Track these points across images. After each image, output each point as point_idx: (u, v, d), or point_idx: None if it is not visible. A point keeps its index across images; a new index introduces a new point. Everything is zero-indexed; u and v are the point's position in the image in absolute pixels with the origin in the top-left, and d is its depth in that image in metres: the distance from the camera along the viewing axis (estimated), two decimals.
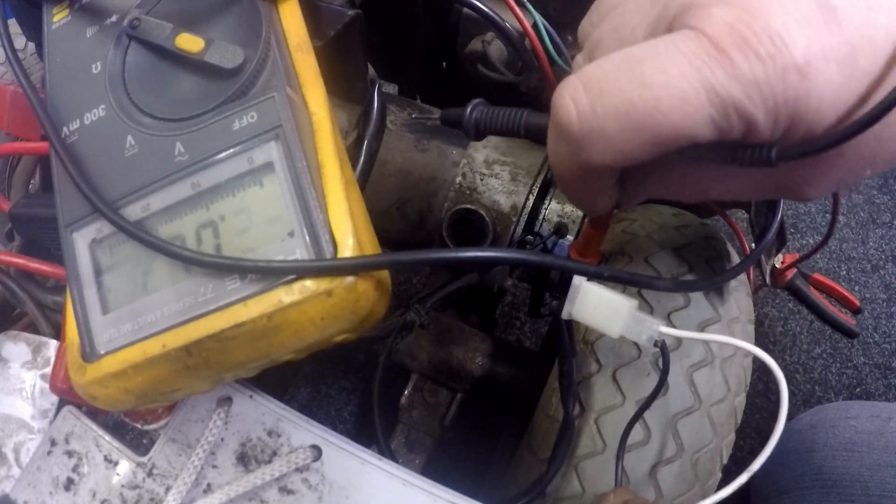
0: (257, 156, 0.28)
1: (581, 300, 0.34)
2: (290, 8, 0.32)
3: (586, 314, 0.34)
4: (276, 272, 0.26)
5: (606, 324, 0.34)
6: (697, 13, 0.23)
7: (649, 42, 0.25)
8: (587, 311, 0.34)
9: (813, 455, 0.64)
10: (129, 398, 0.29)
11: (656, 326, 0.33)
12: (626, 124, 0.24)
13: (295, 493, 0.33)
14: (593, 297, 0.34)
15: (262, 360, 0.28)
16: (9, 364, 0.41)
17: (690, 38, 0.23)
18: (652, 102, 0.23)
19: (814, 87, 0.22)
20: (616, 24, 0.28)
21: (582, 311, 0.34)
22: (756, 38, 0.22)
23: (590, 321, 0.34)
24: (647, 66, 0.24)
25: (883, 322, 1.28)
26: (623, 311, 0.34)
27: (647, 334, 0.34)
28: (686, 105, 0.23)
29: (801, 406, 1.13)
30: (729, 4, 0.23)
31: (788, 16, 0.22)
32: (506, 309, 1.16)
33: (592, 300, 0.34)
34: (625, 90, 0.24)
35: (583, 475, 0.42)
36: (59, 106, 0.32)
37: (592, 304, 0.34)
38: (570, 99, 0.26)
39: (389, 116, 0.57)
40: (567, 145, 0.27)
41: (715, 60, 0.22)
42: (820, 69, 0.22)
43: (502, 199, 0.55)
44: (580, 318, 0.34)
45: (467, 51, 0.58)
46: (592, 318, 0.34)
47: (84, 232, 0.30)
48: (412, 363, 0.63)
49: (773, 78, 0.22)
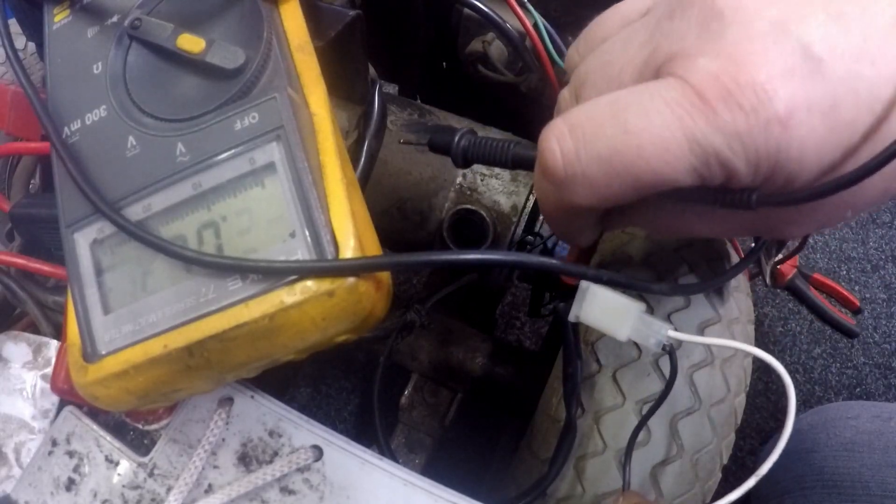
0: (259, 156, 0.28)
1: (589, 302, 0.34)
2: (291, 9, 0.32)
3: (594, 317, 0.34)
4: (278, 272, 0.26)
5: (614, 327, 0.34)
6: (683, 63, 0.24)
7: (635, 88, 0.25)
8: (594, 313, 0.34)
9: (814, 455, 0.64)
10: (130, 398, 0.29)
11: (664, 330, 0.33)
12: (609, 170, 0.25)
13: (296, 493, 0.33)
14: (600, 299, 0.34)
15: (263, 361, 0.29)
16: (9, 364, 0.41)
17: (675, 88, 0.24)
18: (634, 150, 0.24)
19: (795, 138, 0.23)
20: (604, 62, 0.29)
21: (589, 314, 0.34)
22: (740, 90, 0.22)
23: (597, 324, 0.34)
24: (632, 113, 0.24)
25: (883, 322, 1.28)
26: (631, 313, 0.34)
27: (656, 338, 0.34)
28: (668, 153, 0.23)
29: (802, 406, 1.13)
30: (715, 55, 0.23)
31: (773, 67, 0.22)
32: (506, 309, 1.16)
33: (599, 303, 0.34)
34: (609, 137, 0.25)
35: (583, 475, 0.42)
36: (60, 106, 0.32)
37: (600, 306, 0.34)
38: (555, 142, 0.26)
39: (390, 116, 0.57)
40: (552, 186, 0.28)
41: (698, 111, 0.23)
42: (802, 120, 0.22)
43: (503, 200, 0.55)
44: (587, 320, 0.34)
45: (468, 51, 0.58)
46: (600, 320, 0.34)
47: (85, 232, 0.30)
48: (412, 363, 0.63)
49: (756, 130, 0.22)
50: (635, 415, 0.42)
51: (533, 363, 0.62)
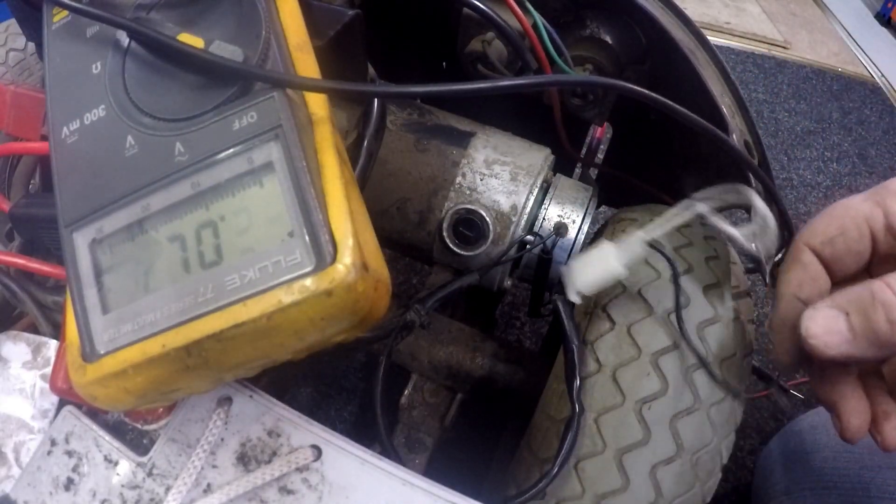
0: (257, 156, 0.28)
1: (576, 274, 0.35)
2: (289, 8, 0.32)
3: (589, 280, 0.36)
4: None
5: (608, 271, 0.36)
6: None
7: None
8: (587, 278, 0.36)
9: (814, 456, 0.64)
10: (129, 398, 0.29)
11: (640, 235, 0.36)
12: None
13: (295, 493, 0.33)
14: (581, 264, 0.35)
15: (261, 360, 0.28)
16: (9, 364, 0.41)
17: None
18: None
19: None
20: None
21: (584, 282, 0.36)
22: None
23: (595, 282, 0.36)
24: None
25: None
26: (607, 251, 0.35)
27: (640, 246, 0.35)
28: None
29: (802, 407, 1.13)
30: None
31: None
32: (506, 309, 1.16)
33: (582, 268, 0.35)
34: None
35: (583, 475, 0.42)
36: (59, 106, 0.32)
37: (585, 270, 0.35)
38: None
39: (389, 116, 0.57)
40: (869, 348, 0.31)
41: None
42: None
43: (502, 199, 0.55)
44: (586, 287, 0.36)
45: (467, 51, 0.58)
46: (595, 279, 0.36)
47: (84, 232, 0.30)
48: (412, 363, 0.63)
49: None
50: (635, 414, 0.42)
51: (533, 363, 0.62)
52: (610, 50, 0.58)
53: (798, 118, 1.85)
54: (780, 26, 2.39)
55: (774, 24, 2.40)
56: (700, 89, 0.51)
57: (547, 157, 0.57)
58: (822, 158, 1.71)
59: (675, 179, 0.67)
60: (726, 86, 0.57)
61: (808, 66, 2.12)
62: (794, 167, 1.66)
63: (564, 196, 0.56)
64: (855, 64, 2.25)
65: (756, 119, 0.55)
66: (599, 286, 0.36)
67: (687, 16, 0.59)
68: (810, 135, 1.79)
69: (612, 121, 0.71)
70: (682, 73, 0.52)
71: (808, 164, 1.68)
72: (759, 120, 1.80)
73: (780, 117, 1.84)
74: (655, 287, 0.46)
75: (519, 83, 0.33)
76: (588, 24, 0.58)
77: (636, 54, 0.58)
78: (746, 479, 1.00)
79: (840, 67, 2.18)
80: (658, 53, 0.57)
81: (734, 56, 2.10)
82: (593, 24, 0.58)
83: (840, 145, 1.76)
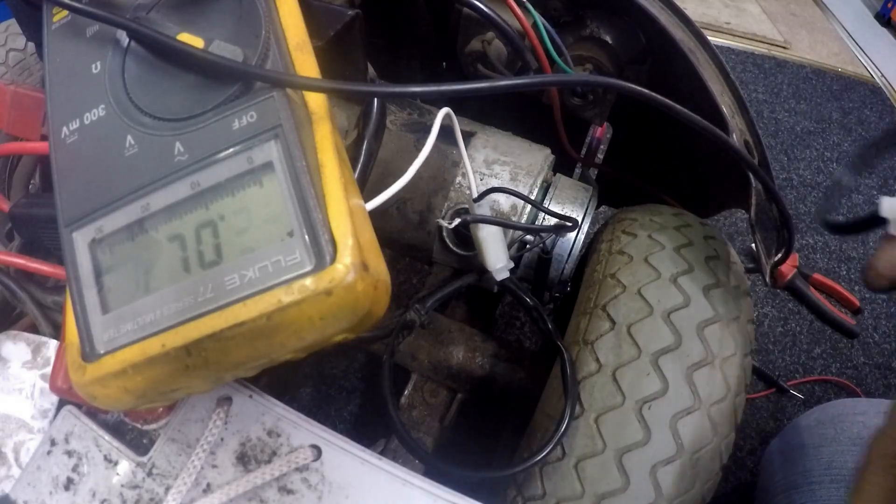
0: (257, 155, 0.28)
1: (486, 251, 0.50)
2: (289, 8, 0.32)
3: (494, 257, 0.50)
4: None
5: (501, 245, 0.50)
6: None
7: None
8: (491, 254, 0.50)
9: (822, 450, 0.64)
10: (128, 398, 0.29)
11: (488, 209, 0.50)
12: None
13: (295, 492, 0.33)
14: (483, 238, 0.50)
15: (261, 360, 0.28)
16: (9, 364, 0.41)
17: None
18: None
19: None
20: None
21: (491, 257, 0.50)
22: None
23: (497, 250, 0.50)
24: None
25: (883, 322, 1.28)
26: (494, 231, 0.50)
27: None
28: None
29: (803, 406, 1.13)
30: None
31: None
32: (506, 309, 1.16)
33: (489, 243, 0.50)
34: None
35: (583, 475, 0.42)
36: (59, 106, 0.32)
37: (489, 246, 0.49)
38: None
39: (389, 116, 0.57)
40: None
41: None
42: None
43: (502, 199, 0.55)
44: (493, 265, 0.50)
45: (467, 51, 0.58)
46: (496, 248, 0.50)
47: (84, 232, 0.30)
48: (412, 363, 0.63)
49: None
50: (635, 414, 0.42)
51: (533, 363, 0.62)
52: (610, 50, 0.58)
53: (798, 118, 1.85)
54: (780, 26, 2.39)
55: (774, 24, 2.40)
56: (700, 89, 0.51)
57: (547, 157, 0.57)
58: (822, 158, 1.71)
59: (676, 179, 0.67)
60: (726, 86, 0.57)
61: (808, 66, 2.12)
62: (794, 167, 1.66)
63: (564, 196, 0.56)
64: (855, 64, 2.25)
65: (756, 119, 0.55)
66: (492, 250, 0.49)
67: (687, 16, 0.59)
68: (810, 135, 1.79)
69: (612, 121, 0.71)
70: (682, 73, 0.52)
71: (808, 164, 1.68)
72: (759, 120, 1.81)
73: (780, 117, 1.84)
74: (656, 287, 0.46)
75: (519, 83, 0.33)
76: (588, 24, 0.58)
77: (636, 54, 0.58)
78: (746, 479, 1.01)
79: (840, 67, 2.18)
80: (658, 53, 0.57)
81: (734, 56, 2.10)
82: (593, 24, 0.58)
83: (840, 145, 1.76)
